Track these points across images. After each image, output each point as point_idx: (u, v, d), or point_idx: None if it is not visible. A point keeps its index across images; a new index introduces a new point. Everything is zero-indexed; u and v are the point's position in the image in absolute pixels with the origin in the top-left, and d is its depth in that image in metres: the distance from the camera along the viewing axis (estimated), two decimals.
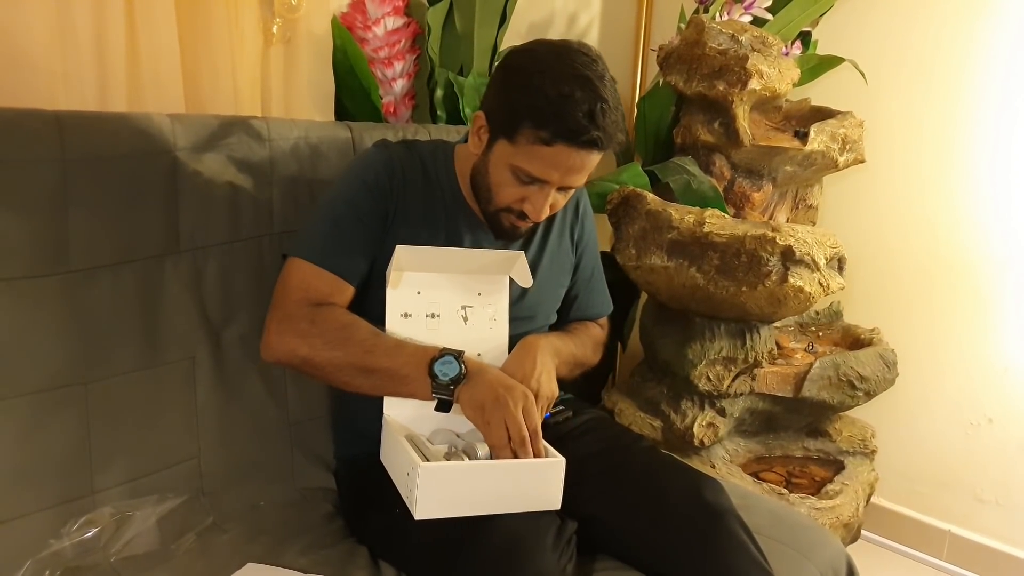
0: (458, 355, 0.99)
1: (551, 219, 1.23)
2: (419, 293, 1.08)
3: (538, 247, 1.22)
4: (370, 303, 1.10)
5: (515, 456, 0.95)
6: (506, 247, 1.17)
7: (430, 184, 1.14)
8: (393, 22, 1.52)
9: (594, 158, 1.03)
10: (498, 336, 1.12)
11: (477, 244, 1.16)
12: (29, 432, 0.98)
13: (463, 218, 1.15)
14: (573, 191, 1.10)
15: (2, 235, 0.96)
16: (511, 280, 1.14)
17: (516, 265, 1.11)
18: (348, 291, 1.07)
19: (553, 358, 1.12)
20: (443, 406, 1.00)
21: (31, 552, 0.94)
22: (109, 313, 1.05)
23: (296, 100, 1.46)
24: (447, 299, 1.10)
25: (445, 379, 0.98)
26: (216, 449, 1.14)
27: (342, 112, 1.53)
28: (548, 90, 0.98)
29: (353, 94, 1.53)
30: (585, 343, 1.27)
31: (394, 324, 1.07)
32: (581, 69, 0.99)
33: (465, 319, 1.11)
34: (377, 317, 1.07)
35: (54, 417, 1.00)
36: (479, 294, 1.12)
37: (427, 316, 1.09)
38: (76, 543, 0.97)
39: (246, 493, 1.14)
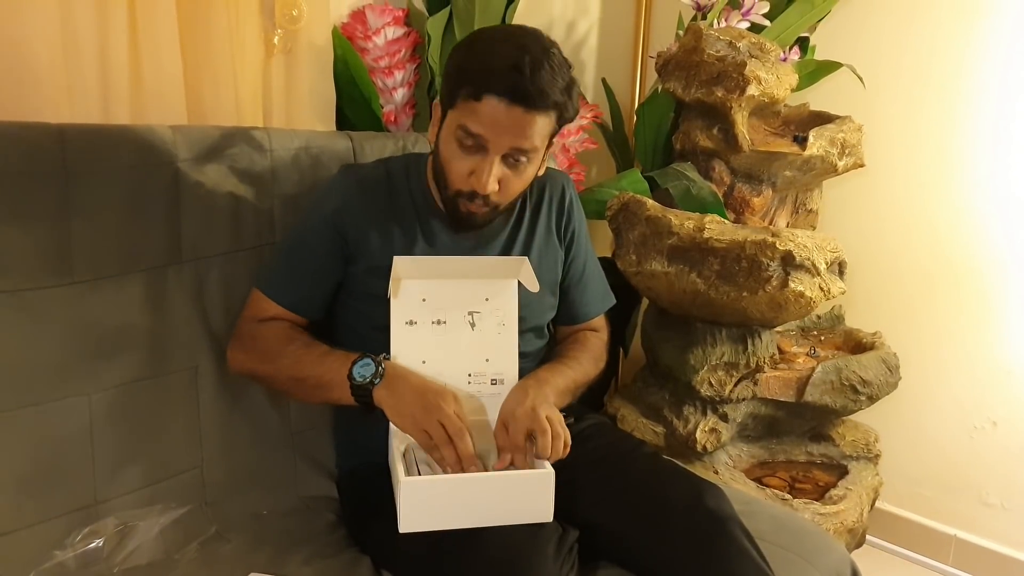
0: (378, 359, 1.03)
1: (535, 218, 1.21)
2: (424, 300, 1.08)
3: (523, 246, 1.20)
4: (349, 315, 1.15)
5: (460, 465, 0.96)
6: (500, 250, 1.16)
7: (398, 196, 1.15)
8: (393, 32, 1.53)
9: (530, 118, 1.00)
10: (507, 341, 1.12)
11: (455, 245, 1.16)
12: (33, 443, 0.98)
13: (438, 223, 1.15)
14: (523, 164, 1.06)
15: (6, 247, 0.97)
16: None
17: (522, 270, 1.11)
18: (294, 319, 1.14)
19: (549, 397, 1.09)
20: (366, 408, 1.03)
21: (35, 563, 0.95)
22: (112, 323, 1.06)
23: (297, 110, 1.47)
24: (453, 305, 1.10)
25: (362, 380, 1.01)
26: (219, 458, 1.15)
27: (343, 122, 1.54)
28: (476, 51, 1.03)
29: (354, 104, 1.53)
30: (583, 363, 1.23)
31: (399, 332, 1.07)
32: (517, 35, 1.03)
33: (472, 325, 1.10)
34: (353, 326, 1.14)
35: (58, 428, 1.01)
36: (486, 299, 1.11)
37: (433, 323, 1.09)
38: (80, 554, 0.97)
39: (249, 502, 1.15)
